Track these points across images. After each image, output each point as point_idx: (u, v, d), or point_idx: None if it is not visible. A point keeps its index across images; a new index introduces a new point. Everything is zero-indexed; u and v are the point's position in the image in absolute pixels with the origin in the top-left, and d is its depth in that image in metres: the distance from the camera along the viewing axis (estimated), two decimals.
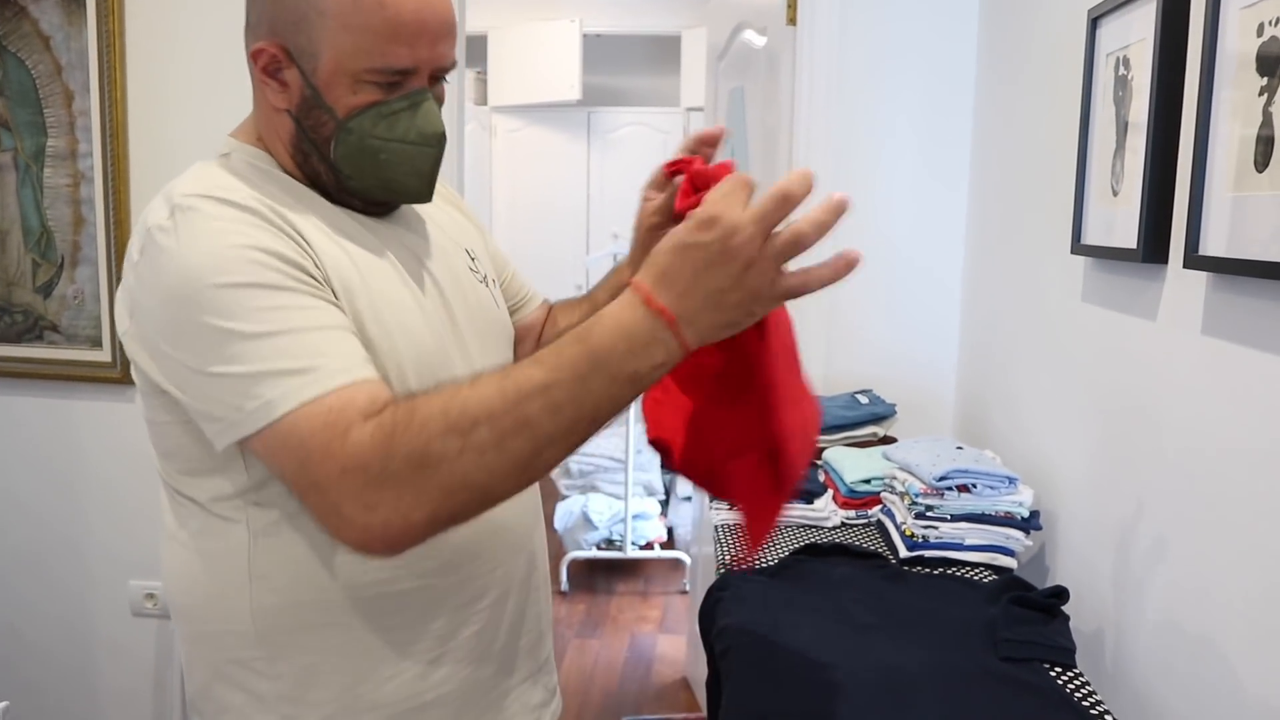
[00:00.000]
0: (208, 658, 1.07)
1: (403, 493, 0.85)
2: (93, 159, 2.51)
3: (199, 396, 0.94)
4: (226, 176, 1.03)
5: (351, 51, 0.98)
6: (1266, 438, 1.07)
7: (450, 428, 0.84)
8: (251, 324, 0.91)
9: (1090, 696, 1.18)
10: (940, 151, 2.32)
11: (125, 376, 2.58)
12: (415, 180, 1.07)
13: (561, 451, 0.86)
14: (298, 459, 0.88)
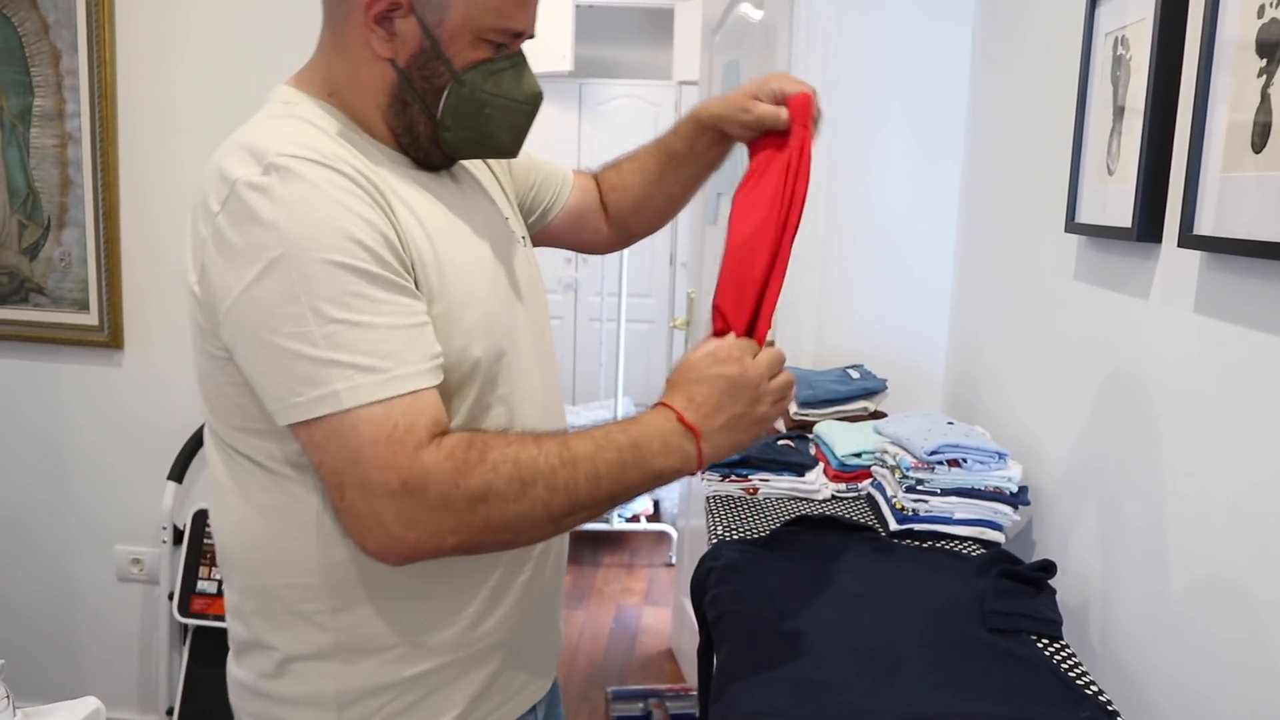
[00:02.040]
0: (267, 609, 1.08)
1: (448, 520, 0.93)
2: (80, 120, 2.49)
3: (262, 366, 0.94)
4: (313, 133, 1.01)
5: (482, 9, 1.01)
6: (1255, 415, 1.08)
7: (516, 476, 0.94)
8: (337, 308, 0.91)
9: (1076, 668, 1.19)
10: (934, 128, 2.33)
11: (112, 340, 2.57)
12: (509, 136, 1.11)
13: (582, 519, 0.99)
14: (350, 456, 0.91)
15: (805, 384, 2.10)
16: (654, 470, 1.00)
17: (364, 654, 1.07)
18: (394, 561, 0.96)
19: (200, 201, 0.98)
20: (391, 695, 1.08)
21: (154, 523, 2.59)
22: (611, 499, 0.99)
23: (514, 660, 1.17)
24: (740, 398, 1.03)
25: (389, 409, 0.91)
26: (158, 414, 2.61)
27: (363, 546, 0.95)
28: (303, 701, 1.09)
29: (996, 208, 2.06)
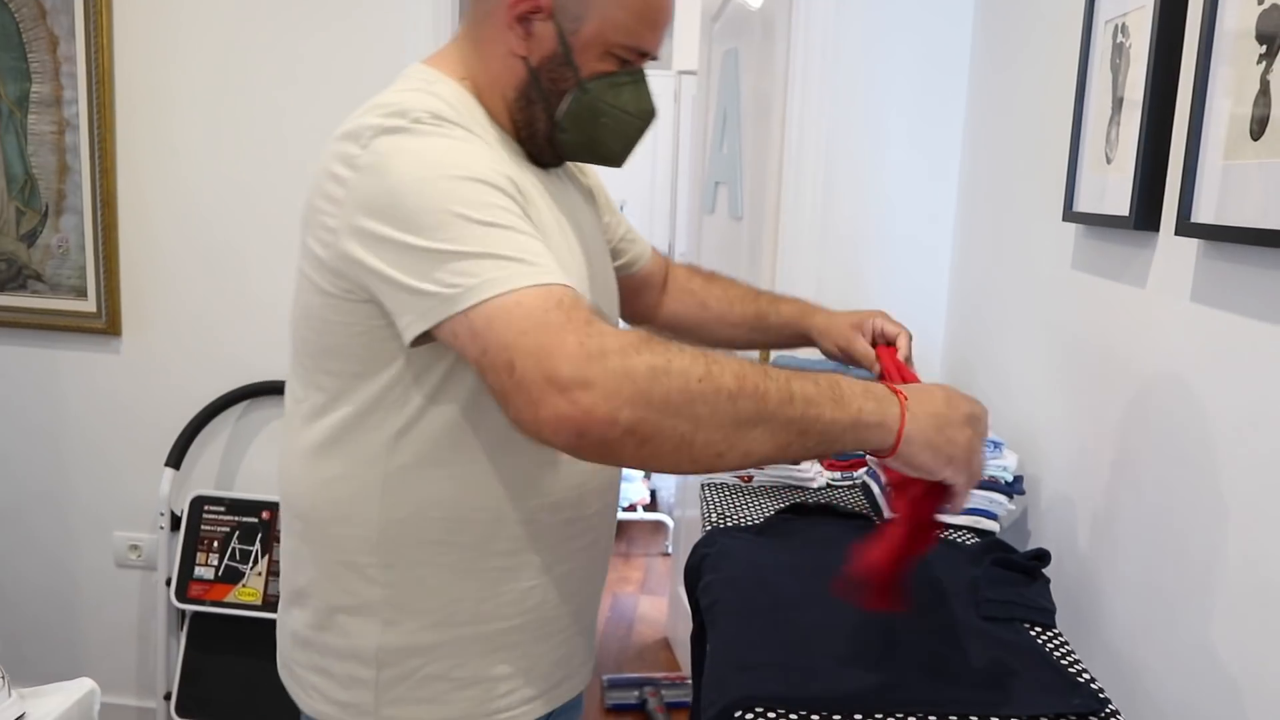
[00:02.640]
0: (321, 556, 1.13)
1: (627, 386, 0.85)
2: (78, 106, 2.48)
3: (415, 272, 0.93)
4: (449, 111, 1.04)
5: (615, 27, 1.07)
6: (1251, 404, 1.08)
7: (701, 357, 0.88)
8: (482, 214, 0.93)
9: (1069, 655, 1.20)
10: (933, 116, 2.32)
11: (110, 327, 2.57)
12: (620, 146, 1.16)
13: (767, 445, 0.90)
14: (519, 328, 0.87)
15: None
16: (852, 410, 0.91)
17: (407, 614, 1.11)
18: (566, 434, 0.86)
19: (337, 151, 1.02)
20: (428, 658, 1.12)
21: (152, 509, 2.59)
22: (802, 429, 0.90)
23: (550, 647, 1.19)
24: (955, 412, 0.96)
25: (549, 290, 0.90)
26: (156, 401, 2.61)
27: (535, 419, 0.87)
28: (345, 654, 1.13)
29: (995, 196, 2.06)
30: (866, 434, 0.93)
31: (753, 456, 0.90)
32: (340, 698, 1.14)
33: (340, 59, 2.43)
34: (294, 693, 1.22)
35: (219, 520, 2.53)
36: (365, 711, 1.13)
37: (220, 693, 2.50)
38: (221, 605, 2.47)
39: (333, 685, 1.15)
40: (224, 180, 2.50)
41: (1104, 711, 1.05)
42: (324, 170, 1.03)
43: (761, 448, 0.90)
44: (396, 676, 1.12)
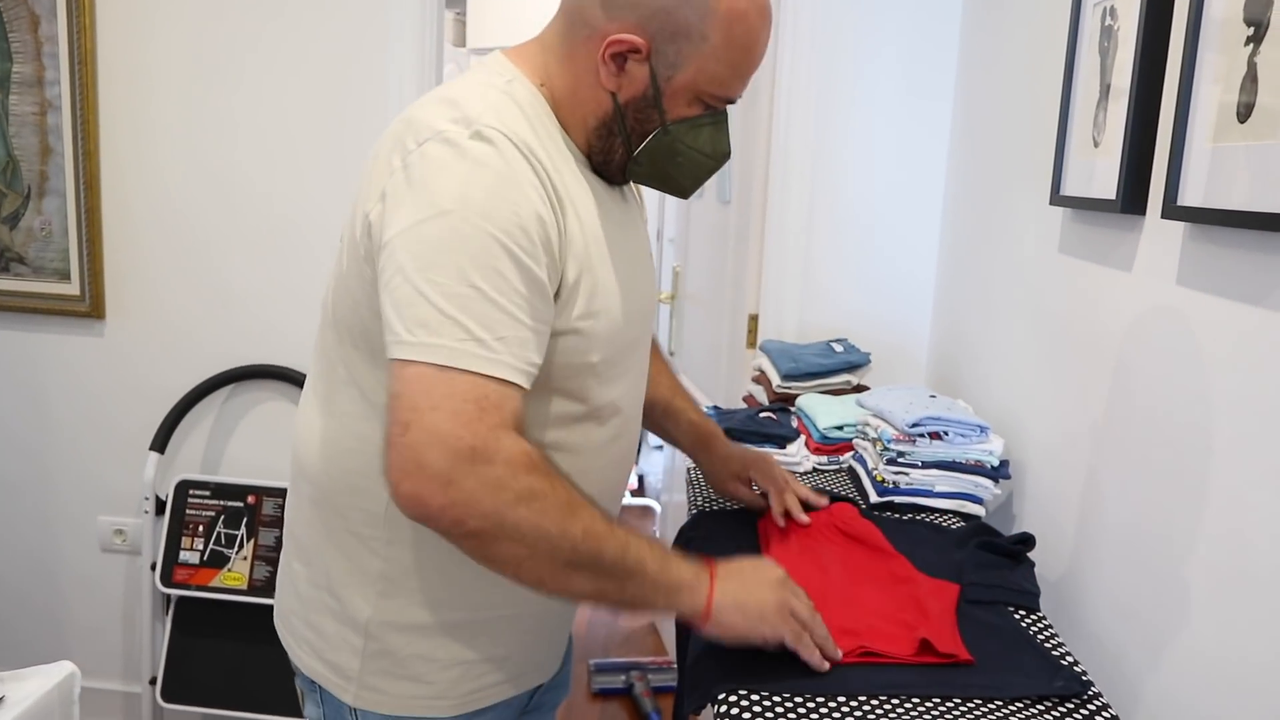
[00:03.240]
0: (329, 523, 1.15)
1: (488, 501, 0.94)
2: (60, 87, 2.45)
3: (396, 297, 0.96)
4: (520, 119, 1.05)
5: (710, 78, 1.08)
6: (1236, 387, 1.08)
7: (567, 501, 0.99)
8: (479, 277, 0.95)
9: (1053, 639, 1.20)
10: (923, 100, 2.31)
11: (94, 310, 2.55)
12: (690, 184, 1.18)
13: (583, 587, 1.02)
14: (432, 402, 0.93)
15: (788, 357, 2.09)
16: (672, 576, 1.05)
17: (401, 590, 1.13)
18: (410, 510, 0.96)
19: (398, 137, 1.03)
20: (415, 637, 1.13)
21: (136, 493, 2.58)
22: (620, 585, 1.02)
23: (534, 637, 1.22)
24: (763, 574, 1.11)
25: (485, 383, 0.95)
26: (140, 384, 2.59)
27: (396, 484, 0.95)
28: (340, 618, 1.15)
29: (982, 181, 2.05)
30: (678, 597, 1.05)
31: (570, 593, 1.03)
32: (329, 657, 1.17)
33: (325, 41, 2.41)
34: (287, 645, 1.24)
35: (204, 505, 2.52)
36: (349, 676, 1.15)
37: (206, 677, 2.50)
38: (207, 590, 2.47)
39: (325, 644, 1.17)
40: (209, 162, 2.48)
41: (1086, 694, 1.05)
42: (382, 154, 1.04)
43: (581, 588, 1.02)
44: (382, 650, 1.14)
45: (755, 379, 2.22)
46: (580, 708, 2.95)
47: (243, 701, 2.46)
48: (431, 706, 1.16)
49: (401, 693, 1.15)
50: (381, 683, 1.15)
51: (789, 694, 1.03)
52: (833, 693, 1.03)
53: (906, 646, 1.11)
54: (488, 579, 1.12)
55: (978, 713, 1.01)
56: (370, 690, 1.15)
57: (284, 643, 1.24)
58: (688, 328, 3.25)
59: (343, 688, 1.16)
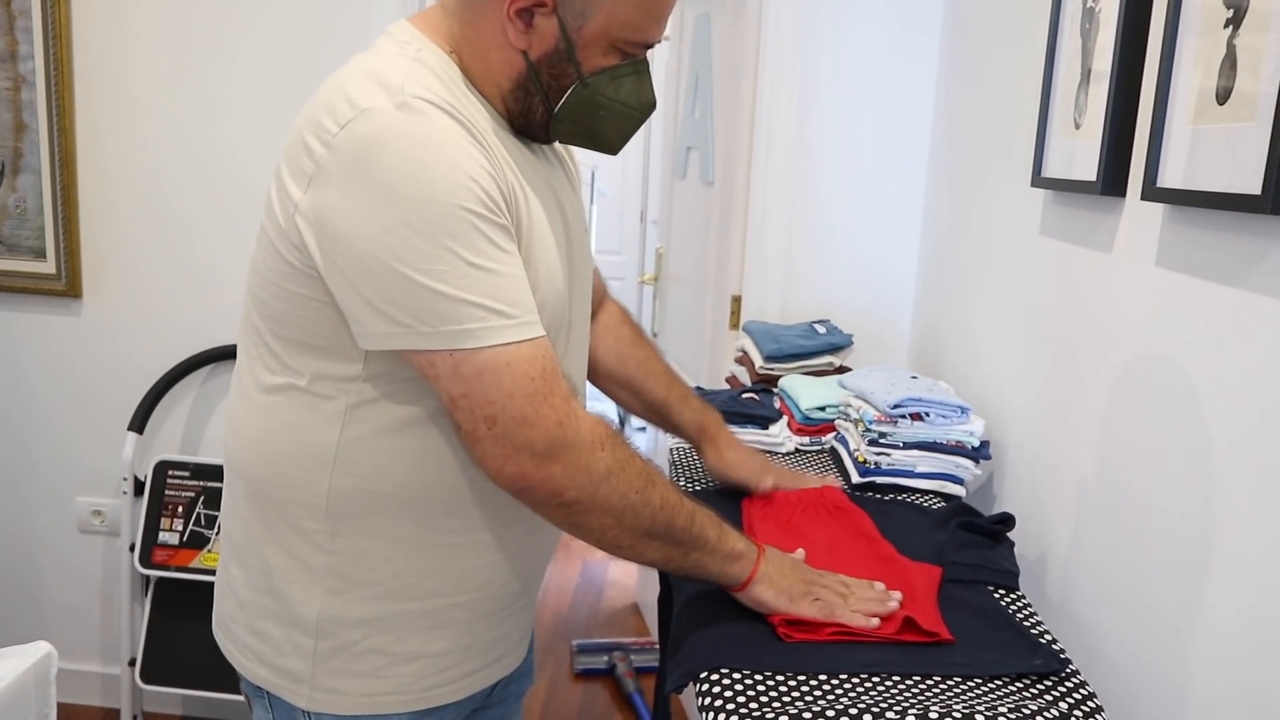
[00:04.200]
0: (267, 519, 1.11)
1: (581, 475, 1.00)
2: (34, 62, 2.42)
3: (382, 295, 0.95)
4: (436, 82, 1.02)
5: (623, 23, 1.04)
6: (1214, 368, 1.09)
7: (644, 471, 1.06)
8: (474, 254, 0.95)
9: (1032, 617, 1.21)
10: (905, 82, 2.31)
11: (70, 289, 2.52)
12: (617, 138, 1.14)
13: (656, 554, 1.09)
14: (506, 390, 0.97)
15: (771, 338, 2.09)
16: (727, 547, 1.11)
17: (351, 584, 1.09)
18: (518, 489, 1.01)
19: (312, 118, 0.98)
20: (369, 631, 1.10)
21: (115, 474, 2.57)
22: (685, 552, 1.09)
23: (491, 624, 1.18)
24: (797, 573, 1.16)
25: (532, 351, 0.98)
26: (117, 364, 2.57)
27: (498, 469, 1.00)
28: (285, 620, 1.11)
29: (964, 163, 2.06)
30: (729, 567, 1.12)
31: (641, 558, 1.09)
32: (276, 663, 1.12)
33: (306, 16, 2.38)
34: (229, 653, 1.19)
35: (183, 485, 2.51)
36: (300, 680, 1.11)
37: (185, 659, 2.49)
38: (186, 571, 2.46)
39: (269, 650, 1.13)
40: (187, 138, 2.45)
41: (1064, 671, 1.06)
42: (297, 134, 1.00)
43: (652, 555, 1.09)
44: (335, 647, 1.10)
45: (738, 360, 2.22)
46: (563, 688, 2.96)
47: (222, 683, 2.46)
48: (391, 703, 1.12)
49: (359, 690, 1.11)
50: (336, 682, 1.11)
51: (770, 673, 1.03)
52: (813, 671, 1.04)
53: (890, 625, 1.12)
54: (438, 565, 1.10)
55: (957, 690, 1.02)
56: (325, 692, 1.11)
57: (225, 652, 1.19)
58: (671, 309, 3.25)
59: (295, 692, 1.11)
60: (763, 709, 0.97)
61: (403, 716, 1.13)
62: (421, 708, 1.14)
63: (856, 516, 1.39)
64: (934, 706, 0.95)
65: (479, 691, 1.20)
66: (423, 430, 1.06)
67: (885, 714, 0.93)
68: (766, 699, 0.99)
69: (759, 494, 1.44)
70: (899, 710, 0.94)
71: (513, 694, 1.33)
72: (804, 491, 1.43)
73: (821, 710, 0.95)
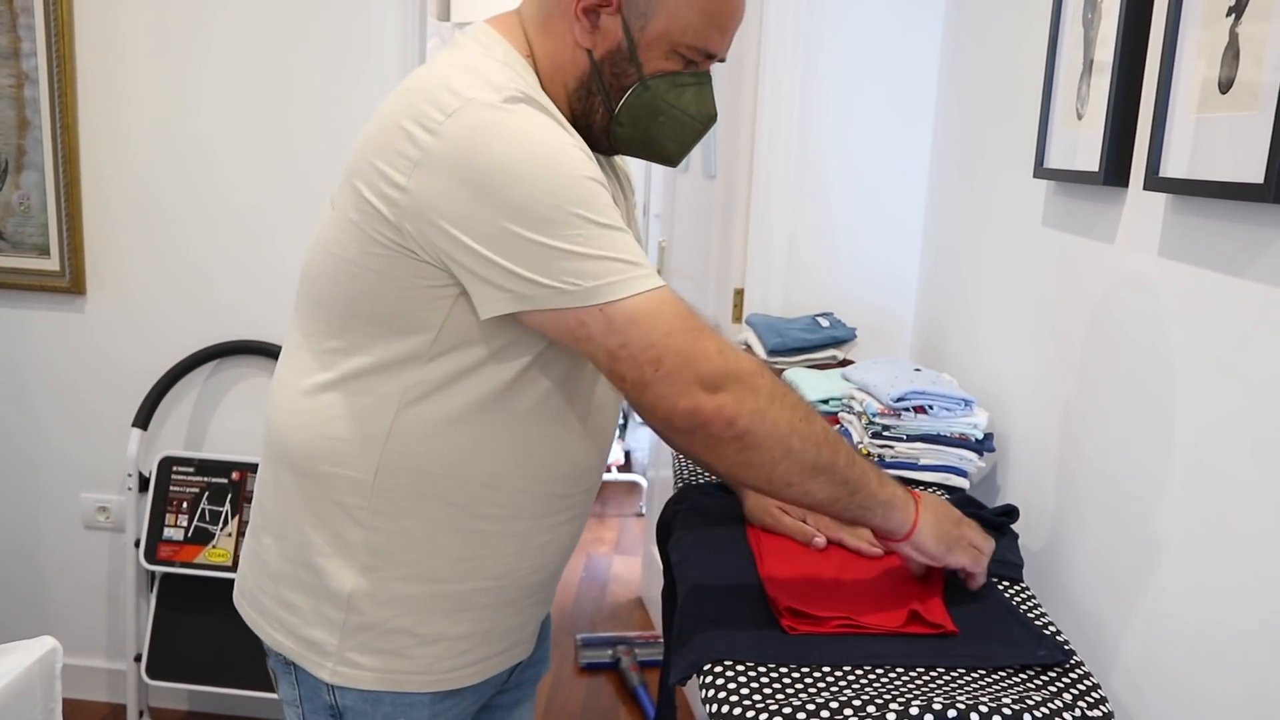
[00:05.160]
0: (309, 492, 1.13)
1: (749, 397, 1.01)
2: (37, 59, 2.42)
3: (527, 263, 0.98)
4: (524, 84, 1.06)
5: (684, 26, 1.07)
6: (1217, 358, 1.09)
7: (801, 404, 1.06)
8: (601, 216, 1.00)
9: (1036, 609, 1.21)
10: (907, 74, 2.31)
11: (74, 285, 2.53)
12: (676, 148, 1.17)
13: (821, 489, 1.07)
14: (665, 328, 0.99)
15: (774, 332, 2.09)
16: (888, 492, 1.11)
17: (387, 562, 1.12)
18: (694, 424, 1.01)
19: (411, 107, 1.01)
20: (399, 610, 1.13)
21: (120, 470, 2.57)
22: (852, 490, 1.08)
23: (513, 612, 1.21)
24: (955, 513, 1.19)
25: (668, 294, 1.01)
26: (122, 360, 2.58)
27: (672, 407, 1.00)
28: (317, 592, 1.13)
29: (967, 154, 2.05)
30: (892, 513, 1.11)
31: (810, 498, 1.08)
32: (303, 633, 1.15)
33: (307, 16, 2.38)
34: (253, 622, 1.21)
35: (188, 481, 2.51)
36: (326, 653, 1.14)
37: (191, 654, 2.50)
38: (191, 566, 2.46)
39: (297, 621, 1.15)
40: (190, 135, 2.46)
41: (1069, 663, 1.06)
42: (392, 123, 1.02)
43: (820, 493, 1.07)
44: (363, 624, 1.13)
45: None
46: (567, 682, 2.96)
47: (229, 677, 2.47)
48: (411, 681, 1.15)
49: (381, 667, 1.14)
50: (361, 657, 1.14)
51: (774, 664, 1.03)
52: (817, 663, 1.04)
53: (895, 619, 1.12)
54: (471, 550, 1.13)
55: (961, 682, 1.02)
56: (349, 665, 1.14)
57: (248, 621, 1.22)
58: None
59: (319, 664, 1.14)
60: (766, 700, 0.97)
61: (423, 696, 1.16)
62: (440, 689, 1.17)
63: None
64: (938, 698, 0.95)
65: (496, 676, 1.23)
66: (478, 417, 1.09)
67: (889, 705, 0.94)
68: (770, 691, 0.99)
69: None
70: (903, 702, 0.94)
71: (529, 679, 1.36)
72: None
73: (825, 702, 0.95)
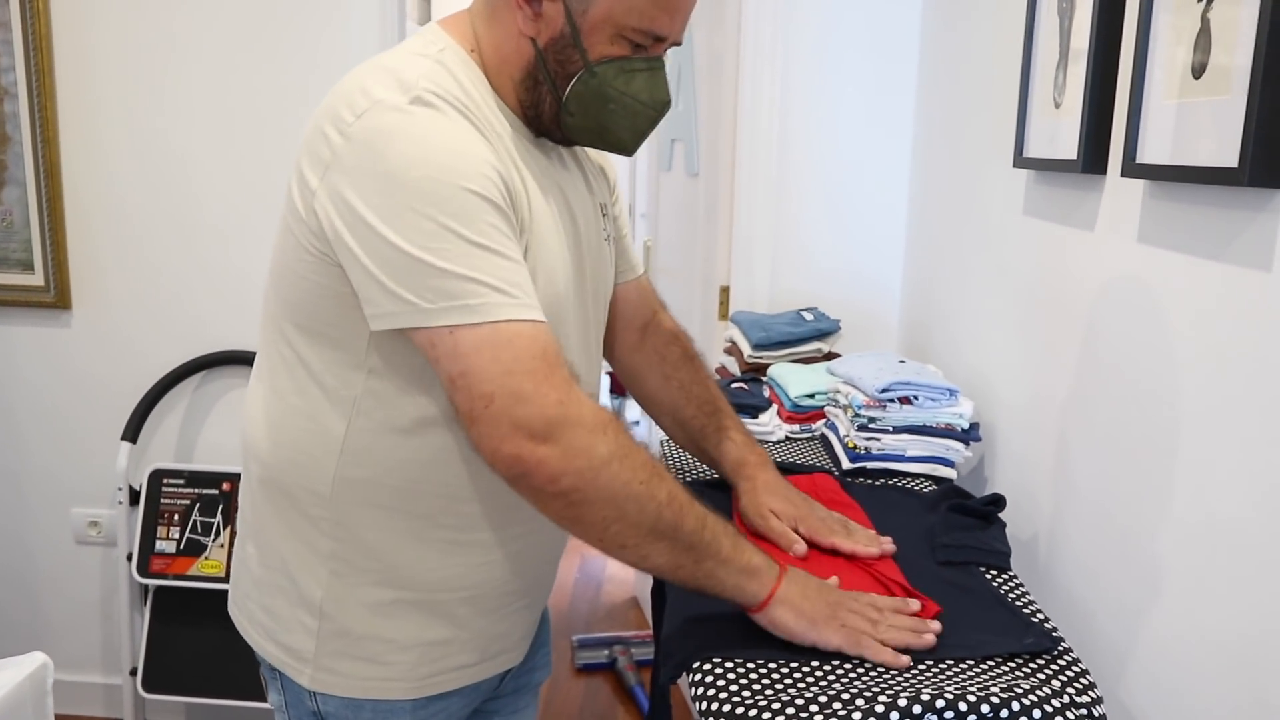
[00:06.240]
0: (276, 502, 1.13)
1: (581, 459, 0.96)
2: (15, 74, 2.41)
3: (392, 273, 0.96)
4: (453, 83, 1.04)
5: (627, 8, 1.04)
6: (1196, 341, 1.09)
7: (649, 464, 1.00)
8: (476, 234, 0.96)
9: (1023, 597, 1.21)
10: (887, 68, 2.31)
11: (60, 300, 2.52)
12: (629, 136, 1.13)
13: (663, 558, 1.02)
14: (505, 366, 0.95)
15: (759, 327, 2.10)
16: (743, 560, 1.05)
17: (353, 569, 1.11)
18: (513, 473, 0.97)
19: (331, 109, 1.01)
20: (367, 616, 1.12)
21: (110, 484, 2.56)
22: (697, 558, 1.02)
23: (492, 621, 1.18)
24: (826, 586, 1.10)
25: (534, 332, 0.96)
26: (109, 374, 2.57)
27: (494, 450, 0.96)
28: (293, 599, 1.13)
29: (948, 145, 2.06)
30: (746, 582, 1.05)
31: (647, 562, 1.03)
32: (284, 640, 1.15)
33: (285, 25, 2.37)
34: (243, 628, 1.22)
35: (179, 493, 2.50)
36: (304, 659, 1.14)
37: (187, 667, 2.49)
38: (185, 579, 2.45)
39: (279, 627, 1.15)
40: (171, 147, 2.45)
41: (1057, 649, 1.06)
42: (316, 126, 1.02)
43: (659, 558, 1.02)
44: (337, 630, 1.12)
45: (727, 350, 2.22)
46: (564, 683, 2.96)
47: (225, 689, 2.46)
48: (389, 689, 1.14)
49: (358, 674, 1.13)
50: (338, 664, 1.13)
51: (762, 661, 1.04)
52: (805, 658, 1.04)
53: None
54: (435, 560, 1.12)
55: (950, 672, 1.02)
56: (326, 672, 1.13)
57: (239, 628, 1.22)
58: None
59: (299, 670, 1.14)
60: (755, 696, 0.97)
61: (405, 704, 1.15)
62: (419, 695, 1.15)
63: (848, 507, 1.39)
64: (927, 688, 0.96)
65: (483, 683, 1.21)
66: (429, 430, 1.07)
67: (878, 698, 0.94)
68: (759, 687, 0.99)
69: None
70: (892, 693, 0.94)
71: (526, 685, 1.35)
72: (795, 480, 1.43)
73: (814, 696, 0.95)
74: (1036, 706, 0.94)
